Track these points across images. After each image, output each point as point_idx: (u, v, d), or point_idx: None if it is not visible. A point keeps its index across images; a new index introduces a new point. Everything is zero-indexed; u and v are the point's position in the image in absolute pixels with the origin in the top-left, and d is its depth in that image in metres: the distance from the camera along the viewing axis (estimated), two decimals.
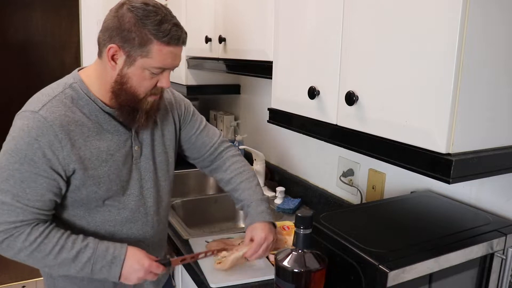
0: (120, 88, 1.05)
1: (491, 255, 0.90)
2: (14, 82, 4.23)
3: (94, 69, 1.10)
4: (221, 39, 1.65)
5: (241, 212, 1.95)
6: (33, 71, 4.29)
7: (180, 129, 1.32)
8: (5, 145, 1.02)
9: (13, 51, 4.22)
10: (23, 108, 1.05)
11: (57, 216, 1.10)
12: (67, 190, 1.06)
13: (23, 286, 2.97)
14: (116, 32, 1.01)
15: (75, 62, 4.32)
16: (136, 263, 1.07)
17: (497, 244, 0.90)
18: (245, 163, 1.38)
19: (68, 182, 1.05)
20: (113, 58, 1.03)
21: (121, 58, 1.02)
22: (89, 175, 1.06)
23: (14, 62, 4.23)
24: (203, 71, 2.10)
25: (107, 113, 1.09)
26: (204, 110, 2.69)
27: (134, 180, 1.16)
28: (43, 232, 1.02)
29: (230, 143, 1.41)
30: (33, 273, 3.09)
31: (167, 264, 1.11)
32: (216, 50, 1.73)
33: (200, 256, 1.19)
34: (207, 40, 1.77)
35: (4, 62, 4.18)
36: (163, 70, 1.05)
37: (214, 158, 1.36)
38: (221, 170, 1.36)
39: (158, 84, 1.07)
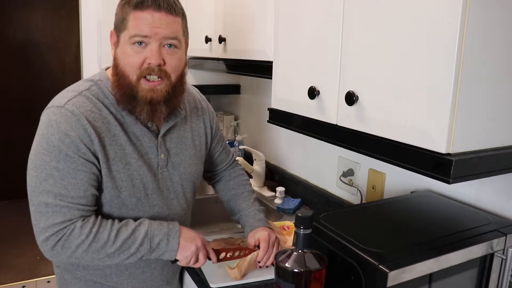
0: (115, 73, 1.04)
1: (491, 255, 0.90)
2: (14, 82, 4.23)
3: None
4: (221, 39, 1.65)
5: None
6: (33, 71, 4.29)
7: (210, 143, 1.30)
8: (35, 144, 1.00)
9: (13, 51, 4.22)
10: (49, 105, 1.03)
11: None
12: None
13: (23, 286, 2.97)
14: (114, 20, 1.05)
15: (75, 62, 4.32)
16: (191, 231, 1.09)
17: (497, 244, 0.90)
18: (247, 178, 1.43)
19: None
20: (114, 44, 1.06)
21: (115, 41, 1.05)
22: (112, 177, 1.03)
23: (14, 62, 4.23)
24: (203, 71, 2.10)
25: (133, 115, 1.06)
26: None
27: (159, 190, 1.12)
28: (95, 222, 1.00)
29: (237, 160, 1.47)
30: (33, 273, 3.09)
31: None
32: (216, 50, 1.74)
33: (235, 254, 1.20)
34: (207, 40, 1.77)
35: (4, 62, 4.18)
36: (143, 41, 0.99)
37: (224, 173, 1.40)
38: (225, 181, 1.39)
39: (146, 60, 1.00)
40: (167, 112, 1.07)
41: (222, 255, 1.17)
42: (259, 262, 1.20)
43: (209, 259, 1.13)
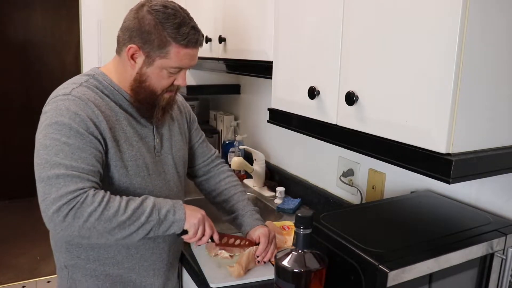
0: (139, 86, 1.11)
1: (491, 255, 0.90)
2: (14, 82, 4.23)
3: (113, 65, 1.16)
4: (221, 39, 1.65)
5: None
6: (33, 71, 4.29)
7: (189, 131, 1.39)
8: (43, 128, 1.01)
9: (13, 51, 4.22)
10: (52, 96, 1.07)
11: None
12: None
13: (23, 286, 2.97)
14: (136, 33, 1.07)
15: (75, 62, 4.32)
16: (194, 207, 1.14)
17: (497, 244, 0.90)
18: (237, 178, 1.46)
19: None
20: (132, 57, 1.09)
21: (140, 58, 1.09)
22: (120, 156, 1.08)
23: (14, 62, 4.23)
24: (203, 71, 2.10)
25: (131, 103, 1.14)
26: (204, 110, 2.69)
27: (158, 171, 1.19)
28: (106, 193, 1.01)
29: (223, 160, 1.49)
30: (33, 273, 3.09)
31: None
32: (216, 50, 1.74)
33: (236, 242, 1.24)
34: (207, 40, 1.77)
35: (4, 62, 4.18)
36: (180, 69, 1.11)
37: (208, 170, 1.43)
38: (214, 181, 1.42)
39: (175, 83, 1.13)
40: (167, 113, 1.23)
41: (224, 239, 1.20)
42: (257, 257, 1.23)
43: (212, 240, 1.15)
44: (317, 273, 0.87)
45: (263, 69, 1.38)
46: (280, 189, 1.84)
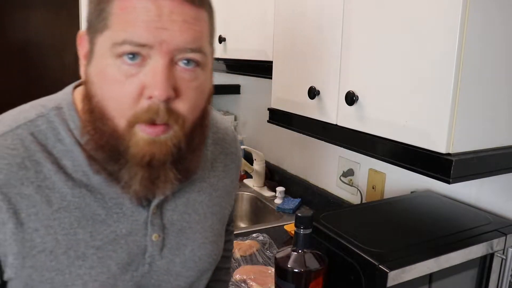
0: (89, 108, 0.59)
1: (491, 255, 0.90)
2: (14, 82, 4.23)
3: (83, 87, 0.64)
4: (221, 39, 1.65)
5: (243, 211, 1.95)
6: (33, 71, 4.29)
7: (233, 190, 0.84)
8: None
9: (13, 51, 4.22)
10: None
11: None
12: None
13: None
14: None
15: (75, 62, 4.31)
16: None
17: (497, 244, 0.90)
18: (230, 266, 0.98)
19: None
20: (86, 56, 0.61)
21: (86, 49, 0.61)
22: (43, 281, 0.60)
23: (14, 63, 4.23)
24: None
25: (114, 181, 0.62)
26: None
27: None
28: None
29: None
30: None
31: None
32: (216, 50, 1.73)
33: None
34: None
35: (4, 62, 4.18)
36: (139, 52, 0.55)
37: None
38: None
39: (146, 91, 0.55)
40: (178, 180, 0.63)
41: None
42: None
43: None
44: (317, 273, 0.87)
45: (263, 69, 1.37)
46: (280, 189, 1.84)
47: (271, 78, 1.31)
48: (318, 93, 1.08)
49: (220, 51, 1.70)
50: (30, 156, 0.60)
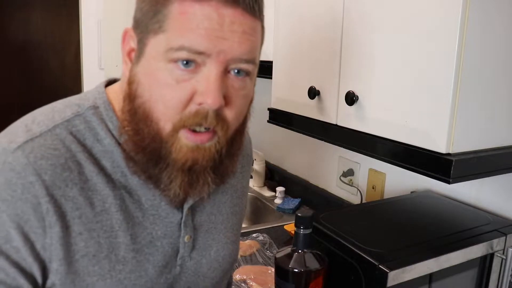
0: (132, 109, 0.59)
1: (491, 255, 0.90)
2: (14, 82, 4.23)
3: (120, 85, 0.64)
4: None
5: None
6: (33, 71, 4.29)
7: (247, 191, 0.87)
8: None
9: (13, 51, 4.22)
10: None
11: None
12: None
13: None
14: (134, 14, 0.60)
15: (75, 62, 4.32)
16: None
17: (497, 244, 0.90)
18: None
19: None
20: (129, 53, 0.60)
21: (133, 46, 0.60)
22: (84, 286, 0.59)
23: (14, 62, 4.23)
24: None
25: (129, 159, 0.62)
26: None
27: None
28: None
29: None
30: None
31: None
32: None
33: None
34: None
35: (4, 62, 4.18)
36: (195, 60, 0.54)
37: None
38: None
39: (196, 98, 0.55)
40: (216, 184, 0.63)
41: None
42: None
43: None
44: (317, 273, 0.87)
45: (263, 69, 1.37)
46: (280, 189, 1.84)
47: (271, 78, 1.31)
48: (318, 93, 1.08)
49: None
50: (72, 156, 0.58)
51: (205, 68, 0.54)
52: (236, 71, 0.57)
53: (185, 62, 0.54)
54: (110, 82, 0.67)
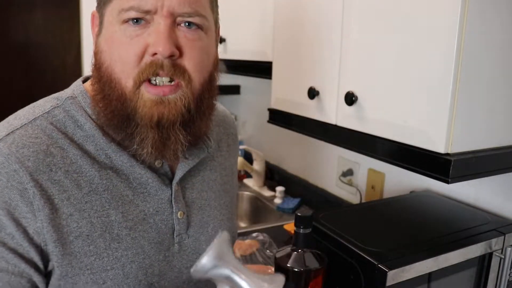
0: (98, 77, 0.63)
1: (490, 255, 0.91)
2: (15, 82, 4.23)
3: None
4: (221, 40, 1.65)
5: (243, 211, 1.95)
6: (34, 71, 4.29)
7: (235, 173, 0.88)
8: None
9: (14, 52, 4.22)
10: None
11: None
12: None
13: None
14: None
15: (76, 62, 4.32)
16: None
17: (495, 243, 0.90)
18: None
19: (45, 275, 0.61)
20: (96, 33, 0.66)
21: (97, 23, 0.66)
22: (82, 268, 0.61)
23: (16, 63, 4.23)
24: None
25: (128, 149, 0.64)
26: None
27: (175, 273, 0.69)
28: None
29: None
30: None
31: None
32: None
33: None
34: None
35: (5, 62, 4.18)
36: (143, 17, 0.59)
37: None
38: None
39: (149, 49, 0.59)
40: (187, 143, 0.64)
41: None
42: None
43: None
44: (316, 272, 0.87)
45: (263, 69, 1.38)
46: (280, 188, 1.85)
47: (271, 79, 1.31)
48: (317, 93, 1.08)
49: (220, 52, 1.70)
50: (54, 143, 0.61)
51: (154, 23, 0.59)
52: (186, 24, 0.61)
53: (135, 20, 0.59)
54: (88, 78, 0.71)
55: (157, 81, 0.60)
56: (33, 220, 0.58)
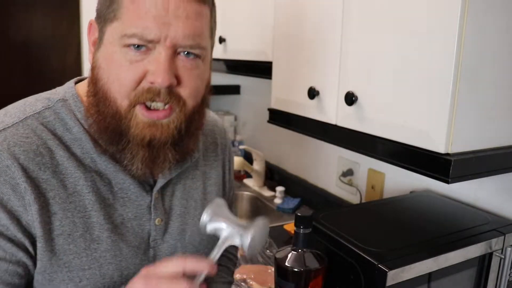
0: (94, 91, 0.65)
1: (490, 255, 0.91)
2: (15, 82, 4.23)
3: (88, 79, 0.70)
4: (221, 40, 1.65)
5: (243, 211, 1.95)
6: (34, 71, 4.29)
7: (223, 187, 0.88)
8: None
9: (14, 52, 4.22)
10: None
11: None
12: None
13: None
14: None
15: (76, 62, 4.32)
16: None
17: (495, 243, 0.90)
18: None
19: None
20: (94, 43, 0.68)
21: (95, 36, 0.68)
22: (61, 265, 0.63)
23: (15, 63, 4.23)
24: None
25: (116, 161, 0.68)
26: None
27: None
28: None
29: None
30: None
31: None
32: (216, 51, 1.73)
33: None
34: None
35: (5, 63, 4.18)
36: (145, 45, 0.61)
37: None
38: None
39: (148, 77, 0.61)
40: (176, 160, 0.68)
41: None
42: None
43: None
44: (316, 272, 0.87)
45: (263, 69, 1.38)
46: (280, 188, 1.85)
47: (271, 79, 1.31)
48: (317, 93, 1.08)
49: (220, 52, 1.70)
50: (43, 144, 0.63)
51: (155, 51, 0.61)
52: (185, 53, 0.64)
53: (136, 46, 0.61)
54: (81, 80, 0.74)
55: (152, 105, 0.63)
56: (25, 214, 0.61)
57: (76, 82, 0.73)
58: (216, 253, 0.63)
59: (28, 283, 0.64)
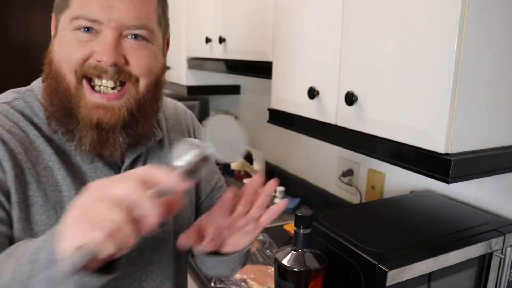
0: (48, 72, 0.70)
1: (490, 255, 0.91)
2: (15, 83, 4.23)
3: None
4: (221, 40, 1.65)
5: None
6: (34, 72, 4.28)
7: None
8: None
9: (14, 52, 4.22)
10: None
11: None
12: None
13: None
14: None
15: None
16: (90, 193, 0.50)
17: (495, 243, 0.90)
18: None
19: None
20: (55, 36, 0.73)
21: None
22: (33, 235, 0.66)
23: (15, 63, 4.23)
24: (203, 72, 2.10)
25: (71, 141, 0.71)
26: (204, 110, 2.69)
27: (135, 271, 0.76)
28: None
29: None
30: None
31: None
32: (216, 51, 1.74)
33: None
34: (207, 40, 1.78)
35: (5, 63, 4.18)
36: (92, 27, 0.65)
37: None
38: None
39: (95, 55, 0.65)
40: (127, 144, 0.71)
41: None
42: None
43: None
44: (316, 272, 0.87)
45: (263, 69, 1.38)
46: (280, 189, 1.85)
47: (271, 79, 1.31)
48: (317, 93, 1.08)
49: (220, 52, 1.70)
50: (16, 125, 0.68)
51: (102, 34, 0.65)
52: (133, 35, 0.67)
53: (86, 28, 0.65)
54: None
55: (101, 88, 0.67)
56: (4, 179, 0.64)
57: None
58: (181, 166, 0.52)
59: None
